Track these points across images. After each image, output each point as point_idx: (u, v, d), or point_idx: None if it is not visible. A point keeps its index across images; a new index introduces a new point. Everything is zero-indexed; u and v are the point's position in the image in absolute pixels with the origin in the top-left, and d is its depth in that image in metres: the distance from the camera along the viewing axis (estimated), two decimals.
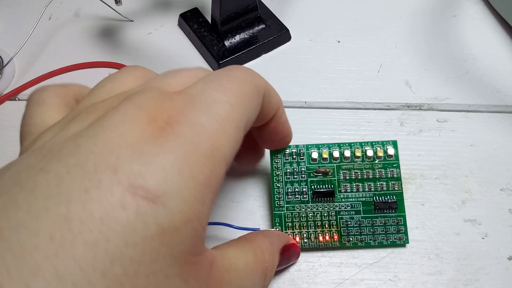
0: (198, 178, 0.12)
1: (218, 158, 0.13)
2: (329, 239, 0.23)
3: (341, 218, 0.24)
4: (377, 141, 0.24)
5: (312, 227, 0.24)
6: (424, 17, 0.36)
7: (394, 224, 0.23)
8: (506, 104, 0.30)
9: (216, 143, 0.13)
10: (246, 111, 0.15)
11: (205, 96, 0.14)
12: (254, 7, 0.33)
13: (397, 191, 0.24)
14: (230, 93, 0.15)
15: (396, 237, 0.24)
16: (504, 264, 0.24)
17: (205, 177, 0.13)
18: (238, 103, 0.15)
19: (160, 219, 0.11)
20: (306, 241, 0.23)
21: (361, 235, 0.23)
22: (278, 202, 0.24)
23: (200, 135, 0.13)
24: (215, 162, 0.13)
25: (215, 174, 0.13)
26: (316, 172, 0.24)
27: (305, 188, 0.24)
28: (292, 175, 0.24)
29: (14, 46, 0.33)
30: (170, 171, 0.12)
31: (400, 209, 0.23)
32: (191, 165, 0.12)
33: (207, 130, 0.13)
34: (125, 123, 0.12)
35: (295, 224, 0.24)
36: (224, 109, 0.14)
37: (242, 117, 0.15)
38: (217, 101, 0.14)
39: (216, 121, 0.14)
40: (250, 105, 0.16)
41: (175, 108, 0.13)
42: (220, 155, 0.13)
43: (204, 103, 0.14)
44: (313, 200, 0.24)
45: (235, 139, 0.14)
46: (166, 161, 0.12)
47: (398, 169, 0.24)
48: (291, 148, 0.24)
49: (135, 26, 0.36)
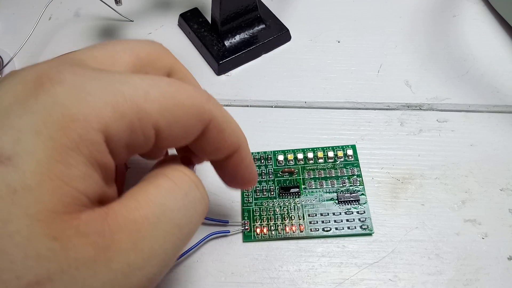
0: (59, 139, 0.12)
1: (92, 124, 0.13)
2: (296, 230, 0.25)
3: (307, 211, 0.25)
4: (338, 146, 0.28)
5: (279, 219, 0.25)
6: (424, 17, 0.36)
7: (358, 214, 0.25)
8: (506, 104, 0.30)
9: (88, 110, 0.13)
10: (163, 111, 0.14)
11: (119, 76, 0.14)
12: (254, 7, 0.33)
13: (358, 185, 0.26)
14: (150, 86, 0.14)
15: (360, 226, 0.25)
16: (504, 264, 0.24)
17: (70, 139, 0.12)
18: (151, 99, 0.14)
19: (9, 180, 0.11)
20: (274, 232, 0.25)
21: (326, 225, 0.25)
22: (247, 198, 0.26)
23: (72, 99, 0.13)
24: (86, 127, 0.12)
25: (86, 139, 0.12)
26: (283, 172, 0.27)
27: (273, 186, 0.27)
28: (260, 176, 0.27)
29: (14, 46, 0.33)
30: (25, 132, 0.12)
31: (362, 200, 0.26)
32: (51, 126, 0.12)
33: (83, 94, 0.13)
34: (7, 86, 0.13)
35: (263, 218, 0.25)
36: (126, 88, 0.14)
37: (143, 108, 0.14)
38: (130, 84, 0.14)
39: (101, 90, 0.13)
40: (166, 109, 0.15)
41: (67, 71, 0.13)
42: (95, 122, 0.13)
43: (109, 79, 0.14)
44: (280, 196, 0.26)
45: (119, 115, 0.13)
46: (24, 122, 0.12)
47: (358, 168, 0.27)
48: (259, 154, 0.28)
49: (135, 26, 0.36)
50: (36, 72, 0.13)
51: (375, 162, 0.28)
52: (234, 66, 0.33)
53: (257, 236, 0.25)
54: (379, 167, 0.27)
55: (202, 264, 0.24)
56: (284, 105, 0.31)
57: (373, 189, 0.26)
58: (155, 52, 0.18)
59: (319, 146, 0.28)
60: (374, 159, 0.28)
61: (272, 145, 0.29)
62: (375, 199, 0.26)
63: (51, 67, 0.13)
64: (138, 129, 0.14)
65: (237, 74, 0.33)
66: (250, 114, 0.30)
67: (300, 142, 0.29)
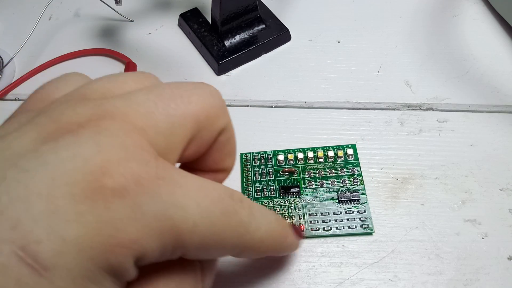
0: (99, 262, 0.11)
1: (133, 252, 0.12)
2: None
3: (308, 211, 0.25)
4: (338, 145, 0.28)
5: None
6: (424, 17, 0.36)
7: (358, 214, 0.25)
8: (506, 104, 0.30)
9: (135, 236, 0.12)
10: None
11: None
12: (254, 7, 0.33)
13: (359, 185, 0.26)
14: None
15: (361, 225, 0.25)
16: (504, 264, 0.24)
17: (108, 264, 0.11)
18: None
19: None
20: None
21: (327, 225, 0.25)
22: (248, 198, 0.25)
23: (124, 219, 0.12)
24: (127, 256, 0.12)
25: (123, 266, 0.12)
26: (283, 172, 0.27)
27: (273, 186, 0.27)
28: (261, 176, 0.27)
29: (14, 46, 0.33)
30: (69, 245, 0.11)
31: (363, 200, 0.26)
32: (96, 246, 0.11)
33: (138, 215, 0.12)
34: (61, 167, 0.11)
35: None
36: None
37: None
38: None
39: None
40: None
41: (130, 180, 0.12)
42: (136, 250, 0.12)
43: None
44: (280, 196, 0.26)
45: (159, 245, 0.12)
46: (71, 232, 0.11)
47: (359, 167, 0.27)
48: (259, 154, 0.28)
49: (135, 26, 0.36)
50: (99, 167, 0.12)
51: (375, 162, 0.28)
52: (234, 66, 0.33)
53: None
54: (379, 167, 0.27)
55: None
56: (284, 105, 0.31)
57: (373, 189, 0.26)
58: (214, 113, 0.15)
59: (319, 146, 0.28)
60: (374, 159, 0.28)
61: (272, 145, 0.29)
62: (375, 199, 0.26)
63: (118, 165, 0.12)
64: (168, 253, 0.13)
65: (237, 74, 0.33)
66: (250, 114, 0.30)
67: (300, 142, 0.29)
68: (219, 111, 0.15)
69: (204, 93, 0.15)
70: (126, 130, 0.12)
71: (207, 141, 0.16)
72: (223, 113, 0.16)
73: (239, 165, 0.28)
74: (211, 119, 0.15)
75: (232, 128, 0.17)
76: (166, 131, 0.13)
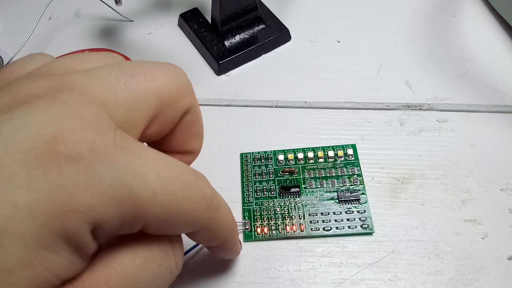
0: (53, 227, 0.11)
1: (89, 219, 0.12)
2: (296, 230, 0.25)
3: (308, 211, 0.25)
4: (338, 145, 0.28)
5: (280, 219, 0.25)
6: (424, 17, 0.36)
7: (358, 214, 0.25)
8: (506, 104, 0.30)
9: (90, 202, 0.12)
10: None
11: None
12: (254, 7, 0.33)
13: (359, 185, 0.26)
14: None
15: (361, 225, 0.25)
16: (504, 264, 0.24)
17: (63, 230, 0.11)
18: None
19: None
20: (274, 232, 0.25)
21: (327, 225, 0.25)
22: (248, 198, 0.26)
23: (79, 185, 0.11)
24: (82, 221, 0.12)
25: (79, 232, 0.12)
26: (283, 172, 0.27)
27: (273, 186, 0.27)
28: (261, 176, 0.27)
29: (14, 46, 0.33)
30: (21, 211, 0.11)
31: (363, 200, 0.26)
32: (49, 211, 0.11)
33: (94, 181, 0.12)
34: (16, 135, 0.11)
35: (263, 217, 0.25)
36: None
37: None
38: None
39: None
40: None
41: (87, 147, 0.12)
42: (93, 217, 0.12)
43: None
44: (280, 195, 0.26)
45: (118, 213, 0.12)
46: (23, 199, 0.11)
47: (359, 167, 0.27)
48: (259, 154, 0.28)
49: (135, 26, 0.36)
50: (53, 135, 0.11)
51: (375, 162, 0.28)
52: (234, 66, 0.33)
53: (258, 235, 0.25)
54: (379, 167, 0.27)
55: (203, 263, 0.24)
56: (284, 105, 0.31)
57: (373, 189, 0.26)
58: (178, 91, 0.15)
59: (319, 146, 0.28)
60: (374, 159, 0.28)
61: (272, 145, 0.29)
62: (375, 199, 0.26)
63: (72, 131, 0.12)
64: (128, 224, 0.13)
65: (237, 74, 0.33)
66: (250, 114, 0.30)
67: (300, 142, 0.29)
68: (184, 90, 0.15)
69: (168, 71, 0.15)
70: (84, 102, 0.12)
71: (171, 120, 0.15)
72: (188, 92, 0.16)
73: (239, 165, 0.28)
74: (175, 98, 0.15)
75: (198, 109, 0.17)
76: (126, 106, 0.13)
